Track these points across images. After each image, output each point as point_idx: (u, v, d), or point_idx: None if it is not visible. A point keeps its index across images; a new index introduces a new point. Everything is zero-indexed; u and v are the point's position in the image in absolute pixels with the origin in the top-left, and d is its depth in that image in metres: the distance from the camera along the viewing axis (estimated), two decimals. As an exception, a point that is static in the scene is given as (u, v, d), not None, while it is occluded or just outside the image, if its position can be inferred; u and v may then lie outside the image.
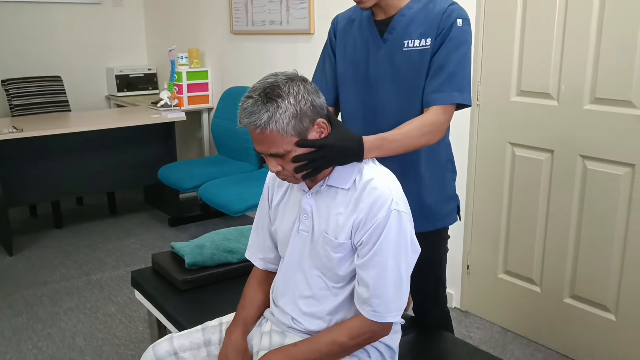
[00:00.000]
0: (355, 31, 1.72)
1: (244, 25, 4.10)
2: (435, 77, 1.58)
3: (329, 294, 1.44)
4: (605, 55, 2.20)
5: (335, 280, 1.43)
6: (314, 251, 1.43)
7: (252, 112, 1.27)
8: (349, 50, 1.73)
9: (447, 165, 1.79)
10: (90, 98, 5.25)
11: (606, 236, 2.31)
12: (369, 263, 1.34)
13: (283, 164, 1.34)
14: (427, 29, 1.59)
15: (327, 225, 1.39)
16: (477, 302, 2.87)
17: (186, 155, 4.95)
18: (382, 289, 1.34)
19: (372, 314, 1.35)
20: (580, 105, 2.31)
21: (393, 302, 1.35)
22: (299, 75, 1.35)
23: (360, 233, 1.35)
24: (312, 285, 1.45)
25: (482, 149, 2.71)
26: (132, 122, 4.04)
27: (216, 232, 2.30)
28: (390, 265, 1.33)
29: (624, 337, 2.31)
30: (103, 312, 2.94)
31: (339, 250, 1.38)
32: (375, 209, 1.33)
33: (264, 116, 1.26)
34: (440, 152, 1.74)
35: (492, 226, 2.73)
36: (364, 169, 1.40)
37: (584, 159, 2.34)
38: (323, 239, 1.40)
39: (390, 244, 1.33)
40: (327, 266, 1.41)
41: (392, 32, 1.63)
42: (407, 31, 1.61)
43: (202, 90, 4.55)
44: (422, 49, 1.60)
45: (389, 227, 1.32)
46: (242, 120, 1.30)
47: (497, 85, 2.58)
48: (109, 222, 4.29)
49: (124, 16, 5.33)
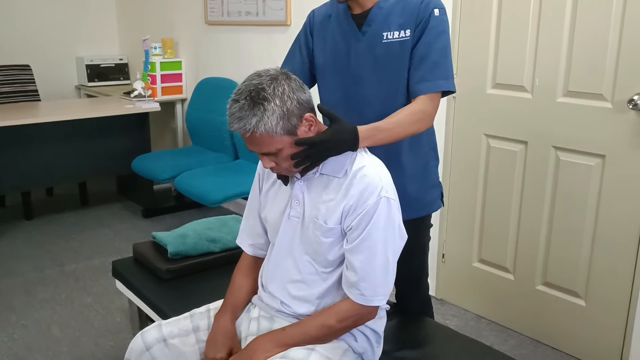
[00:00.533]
0: (334, 26, 1.74)
1: (219, 15, 4.08)
2: (419, 67, 1.62)
3: (318, 279, 1.47)
4: (578, 50, 2.27)
5: (325, 265, 1.46)
6: (305, 237, 1.46)
7: (241, 118, 1.30)
8: (328, 44, 1.75)
9: (429, 153, 1.83)
10: (60, 88, 5.15)
11: (577, 225, 2.39)
12: (358, 248, 1.38)
13: (276, 160, 1.38)
14: (406, 20, 1.62)
15: (317, 211, 1.42)
16: (452, 291, 2.93)
17: (159, 146, 4.91)
18: (370, 273, 1.38)
19: (360, 297, 1.39)
20: (554, 98, 2.38)
21: (380, 286, 1.39)
22: (283, 73, 1.37)
23: (350, 218, 1.38)
24: (302, 270, 1.48)
25: (457, 140, 2.77)
26: (106, 112, 4.00)
27: (198, 222, 2.31)
28: (379, 250, 1.37)
29: (593, 322, 2.40)
30: (79, 303, 2.91)
31: (329, 235, 1.41)
32: (365, 195, 1.37)
33: (252, 120, 1.30)
34: (422, 141, 1.78)
35: (467, 216, 2.79)
36: (355, 158, 1.43)
37: (557, 150, 2.42)
38: (314, 224, 1.43)
39: (379, 230, 1.37)
40: (317, 251, 1.44)
41: (370, 24, 1.66)
42: (386, 23, 1.64)
43: (175, 81, 4.51)
44: (402, 40, 1.63)
45: (379, 213, 1.36)
46: (232, 125, 1.33)
47: (473, 78, 2.64)
48: (80, 213, 4.24)
49: (94, 4, 5.24)
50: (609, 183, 2.27)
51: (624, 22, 2.13)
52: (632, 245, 2.24)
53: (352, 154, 1.44)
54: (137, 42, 5.02)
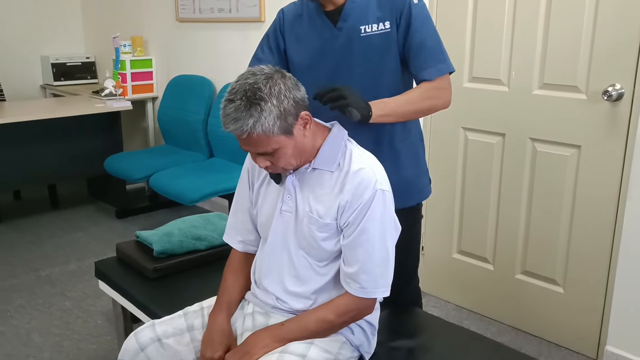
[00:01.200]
0: (306, 25, 1.73)
1: (190, 12, 4.04)
2: (417, 56, 1.65)
3: (314, 273, 1.48)
4: (553, 43, 2.33)
5: (320, 259, 1.47)
6: (299, 231, 1.46)
7: (237, 119, 1.28)
8: (303, 44, 1.74)
9: (417, 143, 1.85)
10: (24, 87, 5.03)
11: (554, 214, 2.45)
12: (356, 241, 1.39)
13: (272, 160, 1.37)
14: (384, 12, 1.63)
15: (311, 205, 1.43)
16: (432, 282, 2.97)
17: (130, 146, 4.83)
18: (370, 265, 1.39)
19: (360, 290, 1.40)
20: (530, 90, 2.43)
21: (381, 278, 1.41)
22: (277, 71, 1.36)
23: (346, 214, 1.39)
24: (297, 265, 1.48)
25: (435, 133, 2.81)
26: (76, 112, 3.91)
27: (182, 220, 2.29)
28: (377, 242, 1.39)
29: (571, 308, 2.47)
30: (57, 308, 2.85)
31: (324, 230, 1.42)
32: (360, 189, 1.38)
33: (249, 121, 1.28)
34: (412, 130, 1.81)
35: (446, 208, 2.84)
36: (347, 153, 1.44)
37: (534, 141, 2.47)
38: (308, 218, 1.43)
39: (376, 222, 1.38)
40: (312, 245, 1.45)
41: (346, 19, 1.66)
42: (363, 17, 1.64)
43: (146, 79, 4.45)
44: (382, 32, 1.64)
45: (375, 205, 1.37)
46: (227, 126, 1.30)
47: (450, 72, 2.67)
48: (51, 216, 4.14)
49: (59, 1, 5.11)
50: (585, 172, 2.34)
51: (597, 15, 2.19)
52: (607, 232, 2.31)
53: (343, 147, 1.45)
54: (104, 40, 4.93)
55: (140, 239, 2.21)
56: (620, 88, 2.17)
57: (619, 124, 2.21)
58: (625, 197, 2.21)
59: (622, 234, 2.23)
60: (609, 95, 2.18)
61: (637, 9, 2.09)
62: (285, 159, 1.37)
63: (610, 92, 2.18)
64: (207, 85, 3.94)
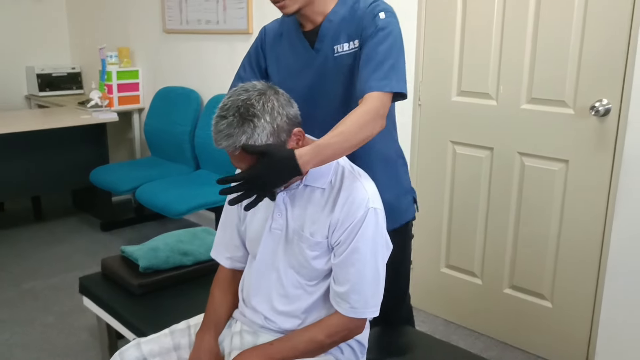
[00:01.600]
0: (285, 45, 1.69)
1: (177, 24, 4.02)
2: (364, 68, 1.51)
3: (303, 292, 1.46)
4: (541, 58, 2.34)
5: (310, 278, 1.45)
6: (289, 249, 1.44)
7: (229, 135, 1.26)
8: (281, 64, 1.70)
9: (398, 161, 1.81)
10: (9, 98, 4.97)
11: (542, 228, 2.45)
12: (348, 260, 1.37)
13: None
14: (353, 30, 1.58)
15: (302, 223, 1.41)
16: (420, 297, 2.96)
17: (115, 158, 4.78)
18: (361, 285, 1.37)
19: (351, 310, 1.38)
20: (518, 104, 2.44)
21: (371, 298, 1.39)
22: (270, 87, 1.33)
23: (337, 232, 1.37)
24: (286, 283, 1.46)
25: (424, 147, 2.81)
26: (61, 124, 3.86)
27: (168, 235, 2.26)
28: (369, 262, 1.37)
29: (559, 322, 2.47)
30: (40, 323, 2.80)
31: (315, 248, 1.40)
32: (353, 208, 1.36)
33: (242, 138, 1.26)
34: (390, 149, 1.76)
35: (434, 222, 2.83)
36: (339, 170, 1.42)
37: (522, 155, 2.48)
38: (299, 237, 1.41)
39: (368, 241, 1.36)
40: (302, 264, 1.43)
41: (323, 40, 1.61)
42: (336, 37, 1.60)
43: (132, 90, 4.42)
44: (352, 51, 1.58)
45: (367, 224, 1.36)
46: (219, 142, 1.28)
47: (439, 85, 2.68)
48: (35, 229, 4.08)
49: (44, 12, 5.08)
50: (573, 187, 2.34)
51: (585, 31, 2.21)
52: (595, 247, 2.31)
53: (336, 165, 1.43)
54: (89, 50, 4.90)
55: (126, 254, 2.18)
56: (607, 103, 2.18)
57: (606, 138, 2.22)
58: (612, 212, 2.22)
59: (609, 248, 2.23)
60: (596, 110, 2.19)
61: (623, 26, 2.11)
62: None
63: (598, 107, 2.19)
64: (194, 97, 3.92)
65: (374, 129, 1.44)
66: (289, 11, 1.56)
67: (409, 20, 2.69)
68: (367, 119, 1.43)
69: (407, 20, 2.68)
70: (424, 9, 2.67)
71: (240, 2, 3.53)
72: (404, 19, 2.64)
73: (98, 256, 3.47)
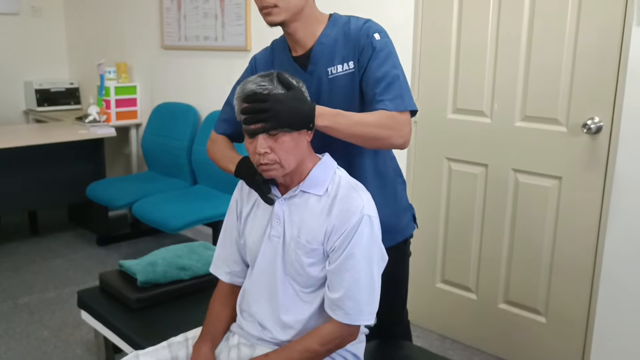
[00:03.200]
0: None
1: (176, 40, 4.07)
2: (376, 87, 1.53)
3: (299, 300, 1.48)
4: (534, 77, 2.39)
5: (305, 286, 1.47)
6: (286, 257, 1.46)
7: (262, 83, 1.35)
8: None
9: (396, 179, 1.82)
10: (7, 112, 5.00)
11: (536, 244, 2.48)
12: (342, 267, 1.39)
13: (274, 146, 1.35)
14: (348, 52, 1.59)
15: (299, 230, 1.44)
16: (416, 312, 2.97)
17: (113, 172, 4.80)
18: (356, 291, 1.39)
19: (345, 317, 1.40)
20: (512, 122, 2.48)
21: (366, 305, 1.41)
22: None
23: (333, 239, 1.40)
24: (283, 291, 1.47)
25: (419, 163, 2.84)
26: (59, 138, 3.88)
27: (166, 249, 2.28)
28: (364, 269, 1.39)
29: (553, 337, 2.49)
30: (35, 337, 2.79)
31: (311, 255, 1.43)
32: (348, 215, 1.39)
33: (271, 86, 1.35)
34: (387, 167, 1.77)
35: (429, 238, 2.85)
36: (336, 179, 1.45)
37: (516, 172, 2.51)
38: (295, 243, 1.44)
39: (363, 248, 1.39)
40: (299, 271, 1.45)
41: (316, 63, 1.61)
42: (330, 59, 1.60)
43: (130, 106, 4.45)
44: (347, 72, 1.59)
45: (361, 231, 1.39)
46: (248, 86, 1.36)
47: (434, 103, 2.72)
48: (31, 243, 4.08)
49: (43, 27, 5.12)
50: (566, 203, 2.38)
51: (577, 51, 2.26)
52: (588, 262, 2.34)
53: (333, 174, 1.45)
54: (88, 66, 4.93)
55: (124, 268, 2.19)
56: (599, 121, 2.23)
57: (598, 156, 2.26)
58: (605, 227, 2.25)
59: (602, 264, 2.26)
60: (589, 128, 2.23)
61: (614, 46, 2.16)
62: (285, 151, 1.36)
63: (590, 125, 2.23)
64: (192, 113, 3.95)
65: (393, 136, 1.48)
66: (274, 20, 1.53)
67: (405, 38, 2.74)
68: (391, 124, 1.48)
69: (402, 38, 2.72)
70: (420, 28, 2.72)
71: (239, 19, 3.58)
72: (400, 37, 2.71)
73: (94, 271, 3.50)
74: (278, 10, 1.52)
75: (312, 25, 1.60)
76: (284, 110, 1.33)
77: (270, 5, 1.51)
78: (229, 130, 1.72)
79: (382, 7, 2.78)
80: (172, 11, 4.03)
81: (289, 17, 1.54)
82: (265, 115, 1.32)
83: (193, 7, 3.88)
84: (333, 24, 1.62)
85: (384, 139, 1.48)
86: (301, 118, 1.36)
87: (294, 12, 1.54)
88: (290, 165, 1.39)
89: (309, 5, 1.58)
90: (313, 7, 1.61)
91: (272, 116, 1.32)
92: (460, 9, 2.57)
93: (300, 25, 1.58)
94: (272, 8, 1.51)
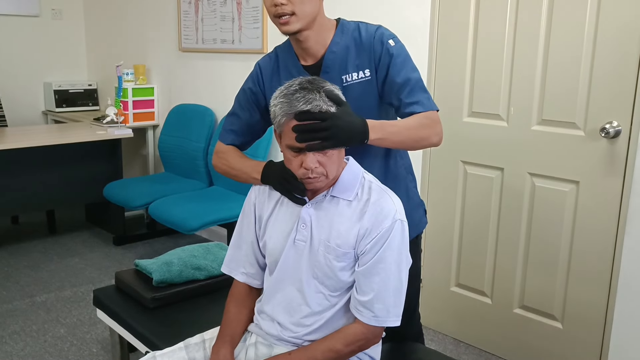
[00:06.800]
0: (285, 82, 1.63)
1: (193, 42, 4.10)
2: (401, 92, 1.56)
3: (327, 303, 1.47)
4: (551, 80, 2.37)
5: (334, 289, 1.46)
6: (314, 260, 1.45)
7: (310, 99, 1.33)
8: None
9: (407, 177, 1.83)
10: (26, 113, 5.07)
11: (553, 249, 2.46)
12: (373, 270, 1.40)
13: (322, 160, 1.36)
14: (362, 60, 1.58)
15: (329, 234, 1.43)
16: (430, 315, 2.96)
17: (129, 173, 4.84)
18: (385, 294, 1.40)
19: (373, 319, 1.41)
20: (529, 126, 2.47)
21: (393, 307, 1.42)
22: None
23: (364, 242, 1.41)
24: (309, 295, 1.47)
25: (435, 167, 2.83)
26: (77, 139, 3.93)
27: (182, 249, 2.29)
28: (394, 272, 1.41)
29: (569, 344, 2.46)
30: (52, 335, 2.83)
31: (342, 259, 1.43)
32: (380, 218, 1.40)
33: (320, 102, 1.34)
34: (398, 167, 1.78)
35: (445, 241, 2.84)
36: (365, 184, 1.46)
37: (532, 176, 2.49)
38: (325, 247, 1.43)
39: (394, 252, 1.40)
40: (328, 275, 1.45)
41: (328, 72, 1.59)
42: (343, 66, 1.59)
43: (147, 107, 4.49)
44: (362, 80, 1.59)
45: (393, 235, 1.40)
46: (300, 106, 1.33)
47: (450, 106, 2.71)
48: (49, 242, 4.13)
49: (63, 30, 5.19)
50: (583, 208, 2.35)
51: (595, 54, 2.24)
52: (606, 268, 2.32)
53: (362, 178, 1.46)
54: (106, 67, 4.99)
55: (140, 267, 2.21)
56: (618, 125, 2.20)
57: (616, 160, 2.24)
58: (623, 233, 2.23)
59: (620, 270, 2.24)
60: (607, 132, 2.21)
61: (633, 49, 2.14)
62: (332, 163, 1.37)
63: (608, 129, 2.21)
64: (208, 115, 3.98)
65: (432, 134, 1.55)
66: (291, 29, 1.50)
67: (421, 42, 2.73)
68: (428, 123, 1.54)
69: (419, 42, 2.72)
70: (436, 31, 2.71)
71: (256, 22, 3.59)
72: (416, 40, 2.70)
73: (110, 270, 3.53)
74: (296, 18, 1.49)
75: (323, 32, 1.59)
76: (342, 129, 1.34)
77: (288, 13, 1.48)
78: (237, 140, 1.73)
79: (398, 10, 2.77)
80: (190, 14, 4.07)
81: (304, 25, 1.52)
82: (325, 134, 1.32)
83: (210, 10, 3.91)
84: (341, 30, 1.61)
85: (425, 139, 1.56)
86: (357, 134, 1.40)
87: (310, 20, 1.53)
88: (334, 175, 1.41)
89: (320, 12, 1.57)
90: (323, 14, 1.60)
91: (332, 135, 1.33)
92: (477, 11, 2.56)
93: (312, 33, 1.56)
94: (290, 17, 1.48)
